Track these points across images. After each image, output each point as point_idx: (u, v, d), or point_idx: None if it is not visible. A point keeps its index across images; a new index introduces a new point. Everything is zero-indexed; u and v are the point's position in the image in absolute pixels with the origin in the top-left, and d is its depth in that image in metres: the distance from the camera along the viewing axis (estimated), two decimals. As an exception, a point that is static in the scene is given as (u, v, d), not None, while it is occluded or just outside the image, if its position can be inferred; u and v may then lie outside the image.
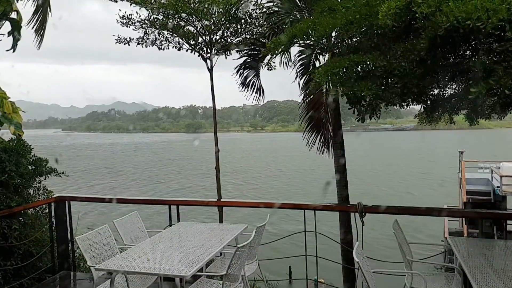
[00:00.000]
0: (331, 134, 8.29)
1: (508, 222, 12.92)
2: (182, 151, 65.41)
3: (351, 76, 3.43)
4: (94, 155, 60.78)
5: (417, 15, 2.61)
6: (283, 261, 7.50)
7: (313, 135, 8.52)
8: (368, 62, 3.27)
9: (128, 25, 7.36)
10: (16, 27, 4.88)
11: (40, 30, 6.45)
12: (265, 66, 8.50)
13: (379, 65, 3.16)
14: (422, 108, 4.66)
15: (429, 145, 56.42)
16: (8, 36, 4.81)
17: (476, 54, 2.87)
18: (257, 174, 38.46)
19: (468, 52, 3.21)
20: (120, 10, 7.28)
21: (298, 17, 7.79)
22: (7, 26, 4.99)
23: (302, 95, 8.61)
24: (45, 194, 5.31)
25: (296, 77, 8.52)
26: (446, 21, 2.36)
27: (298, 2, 7.87)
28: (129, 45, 7.60)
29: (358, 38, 3.86)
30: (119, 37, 7.55)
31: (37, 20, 6.40)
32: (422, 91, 3.46)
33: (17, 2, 5.08)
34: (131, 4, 7.12)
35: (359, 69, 3.45)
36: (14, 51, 4.94)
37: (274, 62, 8.30)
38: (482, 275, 3.07)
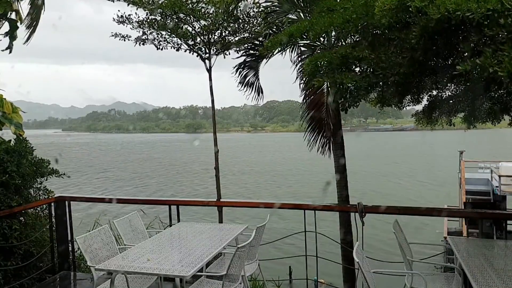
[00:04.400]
0: (332, 134, 8.29)
1: (508, 222, 12.92)
2: (180, 151, 65.44)
3: (336, 68, 3.44)
4: (81, 154, 61.02)
5: (410, 9, 2.64)
6: (283, 261, 7.51)
7: (314, 135, 8.53)
8: (354, 54, 3.28)
9: (125, 24, 7.29)
10: (14, 27, 4.88)
11: (31, 26, 6.43)
12: (264, 64, 8.52)
13: (366, 58, 3.18)
14: (416, 111, 4.66)
15: (429, 145, 56.39)
16: (5, 36, 4.82)
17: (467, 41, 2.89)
18: (256, 174, 38.47)
19: (466, 53, 3.22)
20: (119, 10, 7.23)
21: (297, 17, 7.81)
22: (6, 26, 5.00)
23: (303, 95, 8.62)
24: (46, 194, 5.31)
25: (296, 78, 8.52)
26: (438, 13, 2.41)
27: (297, 2, 7.88)
28: (124, 40, 7.54)
29: (354, 38, 3.87)
30: (116, 33, 7.49)
31: (30, 17, 6.38)
32: (407, 82, 3.45)
33: (17, 1, 5.08)
34: (128, 5, 7.08)
35: (349, 62, 3.46)
36: (10, 51, 4.94)
37: (272, 56, 8.27)
38: (482, 275, 3.08)
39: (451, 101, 4.36)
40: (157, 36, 7.57)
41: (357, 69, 3.61)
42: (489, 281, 2.97)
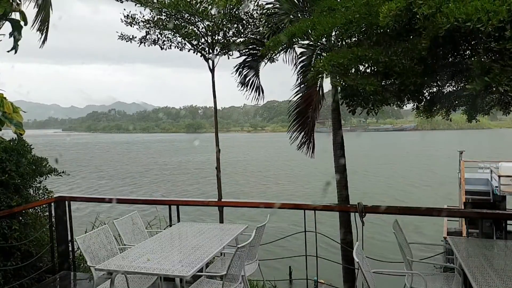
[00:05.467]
0: (313, 132, 8.35)
1: (508, 222, 12.92)
2: (180, 151, 65.42)
3: (353, 68, 3.44)
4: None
5: (417, 15, 2.62)
6: (283, 261, 7.51)
7: (296, 131, 8.53)
8: (370, 56, 3.26)
9: (132, 25, 7.35)
10: (16, 27, 4.87)
11: (43, 29, 6.47)
12: (265, 64, 8.51)
13: (381, 61, 3.17)
14: (416, 104, 4.67)
15: (429, 145, 56.41)
16: (10, 37, 4.81)
17: (476, 54, 2.88)
18: (256, 174, 38.46)
19: (468, 52, 3.22)
20: (124, 9, 7.28)
21: (298, 16, 7.81)
22: (8, 26, 4.98)
23: (296, 92, 8.60)
24: (45, 194, 5.30)
25: (297, 79, 8.50)
26: (447, 22, 2.38)
27: (297, 2, 7.87)
28: (131, 42, 7.60)
29: (357, 37, 3.86)
30: (122, 34, 7.54)
31: (40, 20, 6.42)
32: (419, 89, 3.47)
33: (20, 1, 5.07)
34: (135, 5, 7.13)
35: (363, 64, 3.45)
36: (15, 52, 4.93)
37: (277, 60, 8.26)
38: (482, 275, 3.08)
39: (451, 96, 4.37)
40: (161, 36, 7.61)
41: (368, 70, 3.60)
42: (489, 281, 2.96)
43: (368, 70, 3.60)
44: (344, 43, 4.66)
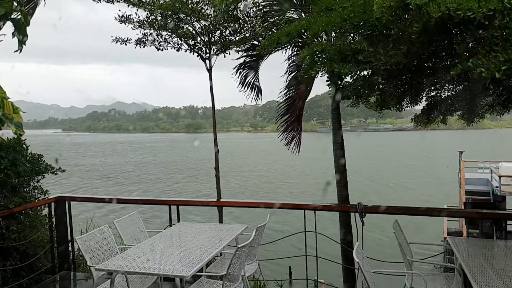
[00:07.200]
0: (299, 130, 8.46)
1: (508, 222, 12.92)
2: (180, 151, 65.43)
3: (333, 58, 3.44)
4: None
5: (410, 6, 2.63)
6: (283, 261, 7.50)
7: (287, 130, 8.67)
8: (352, 46, 3.28)
9: (126, 23, 7.29)
10: (18, 27, 4.87)
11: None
12: (263, 62, 8.53)
13: (364, 50, 3.18)
14: (419, 107, 4.69)
15: (429, 145, 56.41)
16: (13, 38, 4.81)
17: (464, 41, 2.88)
18: (256, 174, 38.46)
19: (465, 52, 3.22)
20: (119, 10, 7.24)
21: (295, 16, 7.81)
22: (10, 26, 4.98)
23: (285, 89, 8.68)
24: (42, 194, 5.24)
25: (286, 72, 8.52)
26: (438, 11, 2.40)
27: (296, 2, 7.88)
28: (126, 44, 7.56)
29: (349, 34, 3.86)
30: (116, 37, 7.50)
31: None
32: (404, 83, 3.44)
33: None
34: (128, 6, 7.09)
35: (345, 54, 3.46)
36: (20, 51, 4.93)
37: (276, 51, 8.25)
38: (482, 275, 3.08)
39: (449, 101, 4.37)
40: (157, 37, 7.59)
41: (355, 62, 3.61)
42: (489, 281, 2.96)
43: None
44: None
